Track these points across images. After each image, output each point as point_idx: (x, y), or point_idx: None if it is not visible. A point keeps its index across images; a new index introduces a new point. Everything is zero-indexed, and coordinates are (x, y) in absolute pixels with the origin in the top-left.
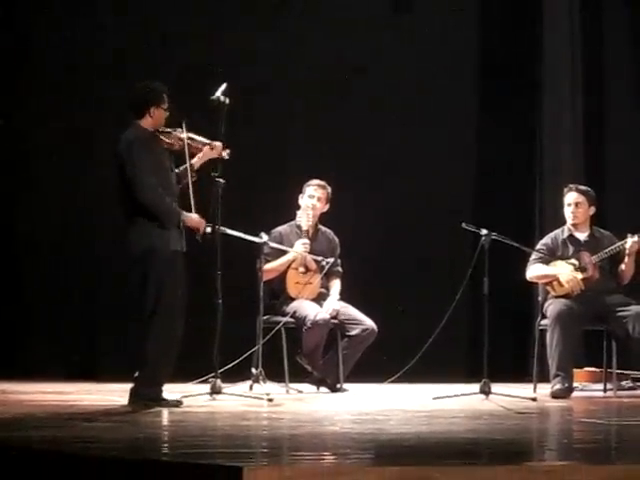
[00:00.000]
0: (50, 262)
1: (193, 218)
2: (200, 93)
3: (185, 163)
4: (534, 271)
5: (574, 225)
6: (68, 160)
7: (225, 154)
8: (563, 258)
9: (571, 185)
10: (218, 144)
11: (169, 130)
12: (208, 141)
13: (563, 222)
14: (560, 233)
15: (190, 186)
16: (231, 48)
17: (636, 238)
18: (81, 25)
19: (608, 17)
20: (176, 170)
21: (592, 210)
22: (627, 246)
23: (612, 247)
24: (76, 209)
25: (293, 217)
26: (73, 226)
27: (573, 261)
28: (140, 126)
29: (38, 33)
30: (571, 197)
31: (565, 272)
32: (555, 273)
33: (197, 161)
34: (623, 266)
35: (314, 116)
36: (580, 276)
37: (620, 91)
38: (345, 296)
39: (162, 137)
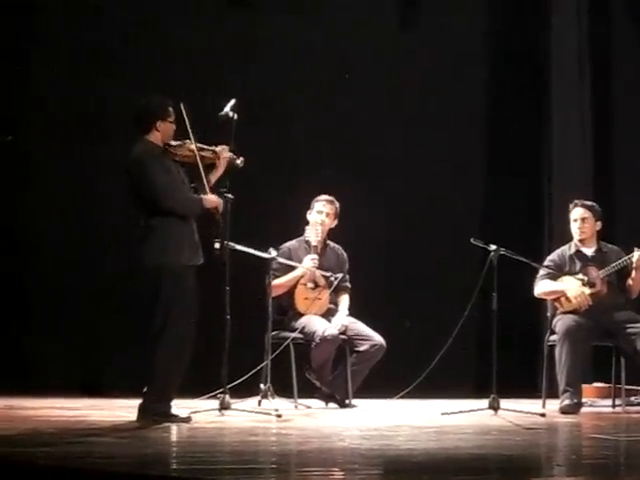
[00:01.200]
0: (55, 274)
1: (211, 199)
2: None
3: (199, 174)
4: (542, 287)
5: (581, 240)
6: (71, 161)
7: (239, 162)
8: (571, 274)
9: (577, 201)
10: (228, 153)
11: (179, 143)
12: (217, 148)
13: (572, 238)
14: (567, 249)
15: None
16: (239, 61)
17: None
18: (86, 26)
19: (616, 23)
20: (192, 185)
21: (598, 225)
22: (634, 259)
23: (619, 261)
24: (82, 219)
25: (302, 233)
26: (82, 236)
27: (581, 276)
28: (148, 141)
29: (39, 35)
30: (577, 213)
31: (573, 288)
32: (563, 289)
33: (214, 175)
34: (630, 280)
35: (324, 131)
36: (588, 291)
37: (629, 101)
38: (354, 311)
39: (172, 150)
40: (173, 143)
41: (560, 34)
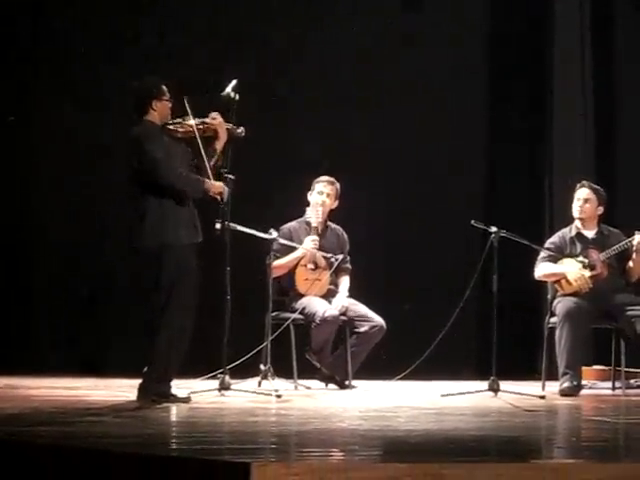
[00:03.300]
0: (58, 257)
1: (215, 184)
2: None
3: (199, 150)
4: (542, 270)
5: (581, 220)
6: (78, 156)
7: (240, 131)
8: (571, 256)
9: (584, 182)
10: (220, 118)
11: (178, 120)
12: (208, 118)
13: (573, 220)
14: (568, 231)
15: (209, 171)
16: (240, 45)
17: None
18: (89, 24)
19: (618, 17)
20: (193, 159)
21: (600, 210)
22: (634, 242)
23: (620, 244)
24: (86, 205)
25: (302, 214)
26: (83, 219)
27: (581, 259)
28: (147, 121)
29: (43, 34)
30: (582, 193)
31: (573, 270)
32: (563, 271)
33: (219, 144)
34: (631, 263)
35: (324, 113)
36: (588, 274)
37: (631, 89)
38: (354, 293)
39: (173, 128)
40: (171, 121)
41: (563, 21)
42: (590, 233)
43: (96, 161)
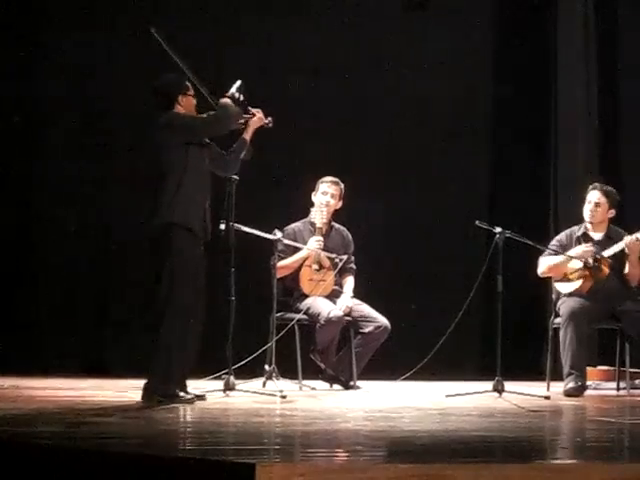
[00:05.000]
0: (63, 258)
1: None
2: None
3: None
4: (544, 263)
5: (591, 223)
6: (84, 157)
7: (268, 121)
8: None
9: (597, 184)
10: (258, 113)
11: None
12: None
13: (577, 221)
14: (576, 230)
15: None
16: (244, 44)
17: (632, 237)
18: (89, 22)
19: (623, 17)
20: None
21: (611, 213)
22: (623, 244)
23: (615, 246)
24: (88, 205)
25: (307, 214)
26: (87, 223)
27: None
28: (173, 112)
29: (51, 33)
30: (594, 196)
31: (574, 249)
32: (564, 256)
33: (247, 136)
34: (627, 266)
35: (329, 113)
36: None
37: (637, 87)
38: (358, 293)
39: None
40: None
41: (567, 19)
42: (597, 235)
43: (97, 162)
